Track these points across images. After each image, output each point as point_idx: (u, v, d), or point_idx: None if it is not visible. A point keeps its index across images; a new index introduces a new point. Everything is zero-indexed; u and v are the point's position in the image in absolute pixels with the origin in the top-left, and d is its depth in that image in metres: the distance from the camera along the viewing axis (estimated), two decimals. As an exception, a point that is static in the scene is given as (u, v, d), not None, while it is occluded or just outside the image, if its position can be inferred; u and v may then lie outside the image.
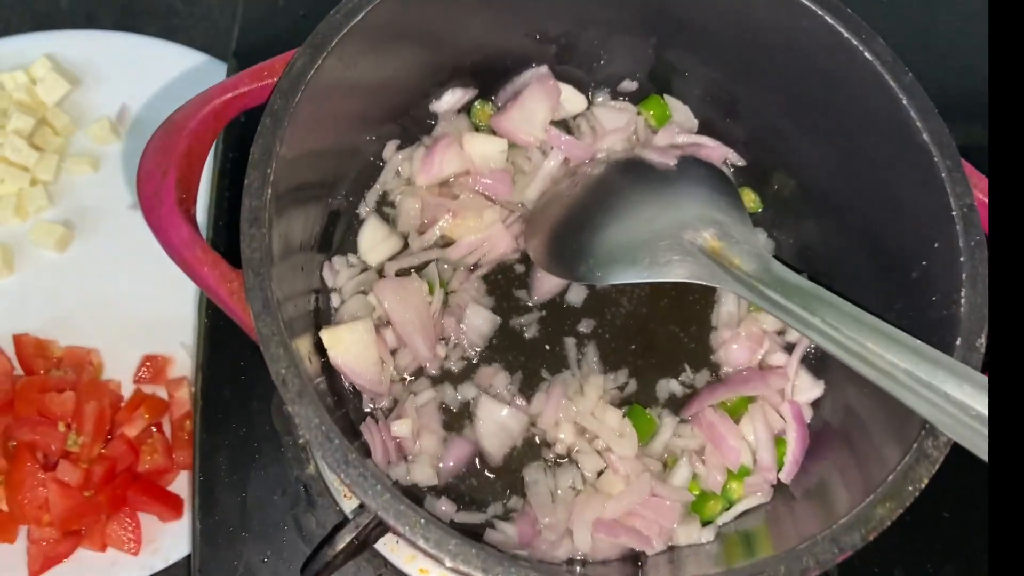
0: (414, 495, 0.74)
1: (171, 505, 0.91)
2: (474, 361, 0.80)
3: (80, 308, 1.01)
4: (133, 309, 1.01)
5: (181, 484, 0.94)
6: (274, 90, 0.67)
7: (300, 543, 0.84)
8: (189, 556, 0.89)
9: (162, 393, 0.98)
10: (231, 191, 0.97)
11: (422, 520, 0.56)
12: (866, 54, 0.69)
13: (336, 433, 0.58)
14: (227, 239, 0.95)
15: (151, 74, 1.12)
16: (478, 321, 0.80)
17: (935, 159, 0.66)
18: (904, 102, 0.68)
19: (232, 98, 0.69)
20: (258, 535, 0.84)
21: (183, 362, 0.99)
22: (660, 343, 0.82)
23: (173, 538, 0.91)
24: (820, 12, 0.70)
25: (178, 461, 0.94)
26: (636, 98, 0.90)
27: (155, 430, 0.95)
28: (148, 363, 0.99)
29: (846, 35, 0.70)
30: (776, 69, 0.78)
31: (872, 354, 0.62)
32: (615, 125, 0.87)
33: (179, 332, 1.00)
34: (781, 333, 0.82)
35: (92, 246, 1.05)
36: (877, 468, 0.63)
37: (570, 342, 0.81)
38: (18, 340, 0.98)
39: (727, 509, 0.75)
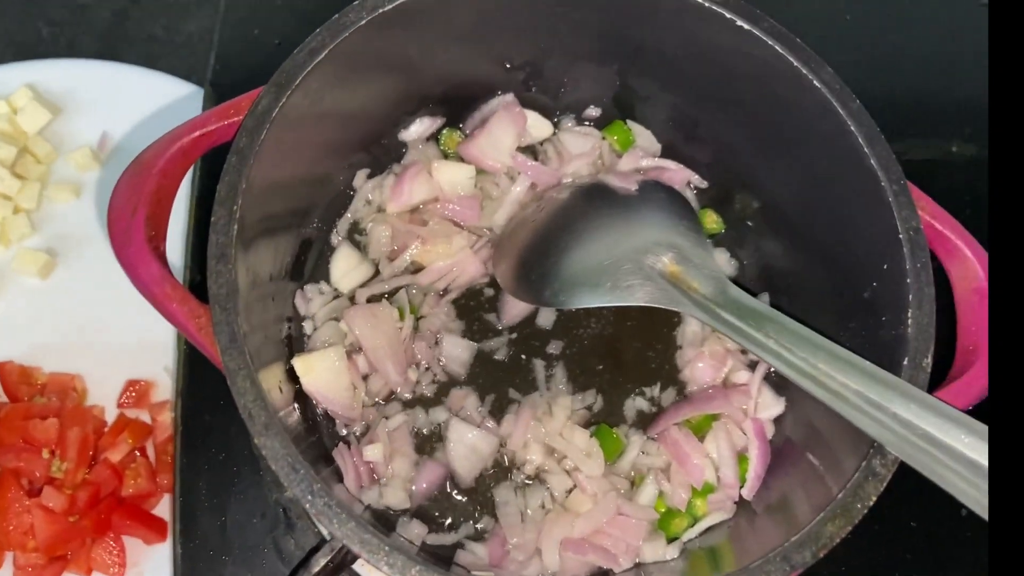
0: (386, 518, 0.76)
1: (155, 528, 0.92)
2: (445, 384, 0.82)
3: (64, 334, 1.02)
4: (116, 334, 1.02)
5: (166, 507, 0.94)
6: (239, 128, 0.68)
7: (280, 566, 0.85)
8: (172, 579, 0.91)
9: (145, 417, 0.99)
10: (208, 221, 0.99)
11: (386, 547, 0.58)
12: (815, 82, 0.71)
13: (302, 464, 0.60)
14: (204, 268, 0.96)
15: (131, 102, 1.13)
16: (456, 351, 0.82)
17: (882, 183, 0.68)
18: (852, 128, 0.70)
19: (200, 136, 0.71)
20: (238, 558, 0.85)
21: (166, 386, 1.00)
22: (627, 363, 0.84)
23: (157, 561, 0.92)
24: (770, 42, 0.72)
25: (162, 485, 0.95)
26: (600, 123, 0.92)
27: (139, 454, 0.96)
28: (131, 388, 0.99)
29: (795, 63, 0.71)
30: (734, 94, 0.80)
31: (823, 375, 0.64)
32: (580, 150, 0.89)
33: (162, 356, 1.01)
34: (744, 352, 0.84)
35: (75, 273, 1.06)
36: (836, 483, 0.65)
37: (539, 364, 0.83)
38: (2, 367, 0.99)
39: (692, 526, 0.77)
